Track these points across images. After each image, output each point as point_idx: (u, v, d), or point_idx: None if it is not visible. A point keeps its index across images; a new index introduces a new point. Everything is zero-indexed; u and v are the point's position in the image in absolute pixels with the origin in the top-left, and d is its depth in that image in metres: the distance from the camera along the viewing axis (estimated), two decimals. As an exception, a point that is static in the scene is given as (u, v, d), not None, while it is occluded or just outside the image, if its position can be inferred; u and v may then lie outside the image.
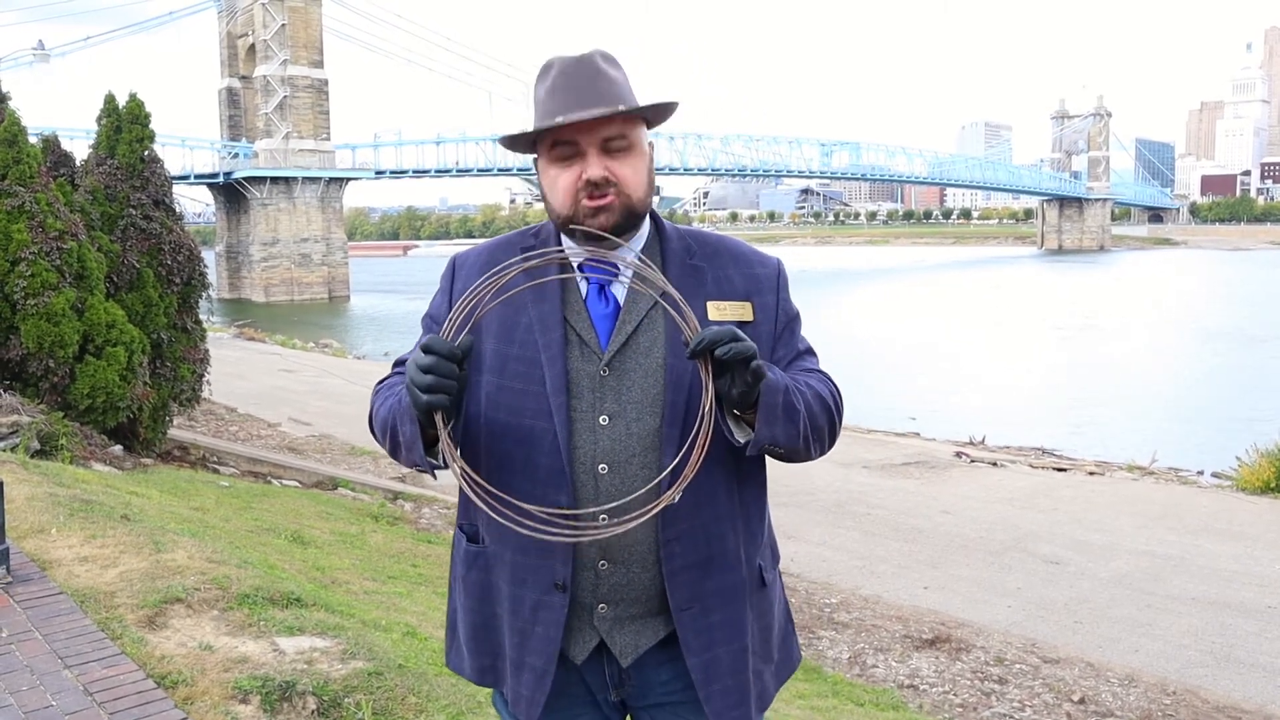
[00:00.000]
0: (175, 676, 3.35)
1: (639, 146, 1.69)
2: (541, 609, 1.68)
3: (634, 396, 1.66)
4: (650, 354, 1.67)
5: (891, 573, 8.04)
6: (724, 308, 1.71)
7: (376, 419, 1.75)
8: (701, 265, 1.75)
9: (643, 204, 1.70)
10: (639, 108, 1.65)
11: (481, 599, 1.76)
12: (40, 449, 7.33)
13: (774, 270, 1.81)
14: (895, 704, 5.46)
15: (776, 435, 1.58)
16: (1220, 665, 6.29)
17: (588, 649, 1.71)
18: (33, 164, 9.15)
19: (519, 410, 1.66)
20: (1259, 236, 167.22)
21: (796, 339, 1.81)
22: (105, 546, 4.62)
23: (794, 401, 1.59)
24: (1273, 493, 11.45)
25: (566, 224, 1.68)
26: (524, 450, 1.65)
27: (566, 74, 1.65)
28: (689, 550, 1.67)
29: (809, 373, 1.75)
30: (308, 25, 74.04)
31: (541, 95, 1.67)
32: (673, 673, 1.73)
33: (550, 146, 1.66)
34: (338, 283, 73.42)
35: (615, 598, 1.68)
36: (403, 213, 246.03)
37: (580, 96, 1.62)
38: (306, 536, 6.86)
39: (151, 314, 9.82)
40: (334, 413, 15.06)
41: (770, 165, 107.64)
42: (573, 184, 1.65)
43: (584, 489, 1.64)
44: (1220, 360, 31.42)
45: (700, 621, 1.68)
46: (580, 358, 1.67)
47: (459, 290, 1.76)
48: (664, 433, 1.64)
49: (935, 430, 17.75)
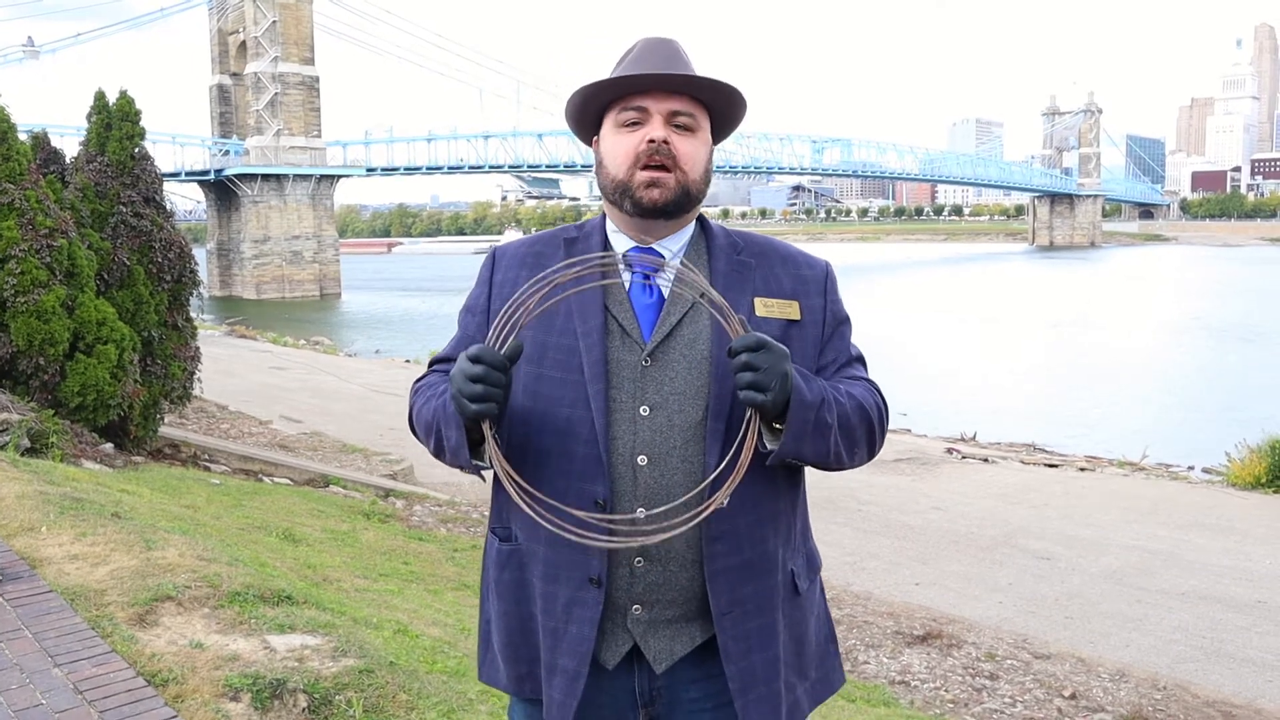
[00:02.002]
0: (166, 674, 3.34)
1: (703, 133, 1.70)
2: (575, 605, 1.63)
3: (677, 388, 1.63)
4: (695, 346, 1.64)
5: (883, 569, 8.07)
6: (771, 304, 1.70)
7: (419, 420, 1.73)
8: (749, 261, 1.74)
9: (698, 188, 1.69)
10: (714, 79, 1.66)
11: (516, 600, 1.71)
12: (30, 447, 7.30)
13: (822, 272, 1.79)
14: (887, 700, 5.47)
15: (803, 451, 1.56)
16: (1210, 660, 6.32)
17: (620, 653, 1.66)
18: (22, 161, 9.10)
19: (557, 400, 1.63)
20: (1249, 232, 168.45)
21: (845, 344, 1.78)
22: (96, 544, 4.60)
23: (825, 417, 1.56)
24: (1263, 488, 11.52)
25: (618, 192, 1.68)
26: (561, 440, 1.62)
27: (651, 45, 1.70)
28: (731, 551, 1.63)
29: (854, 381, 1.72)
30: (299, 22, 73.85)
31: (622, 67, 1.70)
32: (703, 690, 1.68)
33: (618, 112, 1.68)
34: (329, 280, 73.30)
35: (651, 598, 1.64)
36: (394, 210, 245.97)
37: (664, 66, 1.66)
38: (298, 534, 6.85)
39: (142, 311, 9.79)
40: (325, 410, 15.03)
41: (761, 162, 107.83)
42: (634, 148, 1.65)
43: (622, 480, 1.61)
44: (1211, 356, 31.57)
45: (740, 627, 1.64)
46: (621, 346, 1.64)
47: (498, 283, 1.75)
48: (709, 426, 1.61)
49: (926, 426, 17.80)
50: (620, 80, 1.66)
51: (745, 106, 1.73)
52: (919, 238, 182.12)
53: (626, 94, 1.67)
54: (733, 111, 1.73)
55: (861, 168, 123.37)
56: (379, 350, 33.14)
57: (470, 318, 1.78)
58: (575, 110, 1.74)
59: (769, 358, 1.48)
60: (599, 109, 1.72)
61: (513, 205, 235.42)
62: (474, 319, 1.77)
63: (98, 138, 10.33)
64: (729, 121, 1.75)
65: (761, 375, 1.48)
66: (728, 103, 1.71)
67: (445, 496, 9.72)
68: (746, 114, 1.76)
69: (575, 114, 1.75)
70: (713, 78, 1.66)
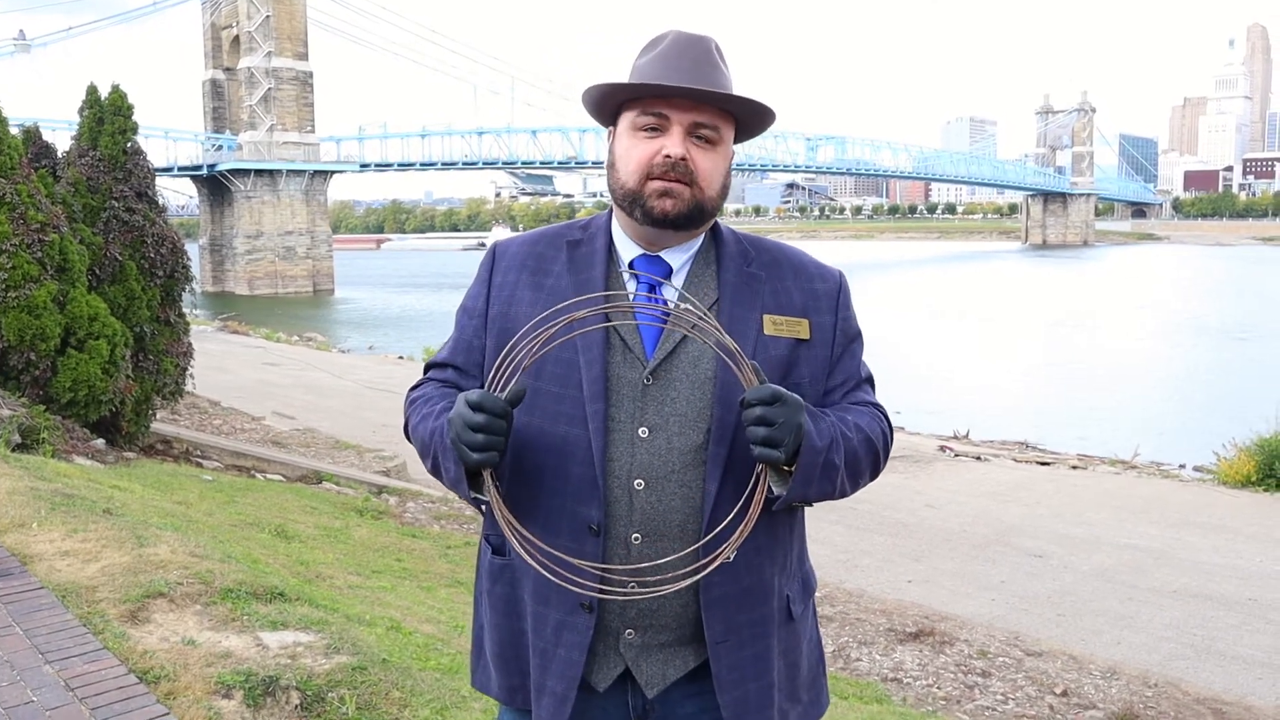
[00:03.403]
0: (158, 671, 3.33)
1: (724, 146, 1.62)
2: (565, 630, 1.59)
3: (678, 409, 1.56)
4: (699, 365, 1.58)
5: (876, 566, 8.08)
6: (780, 323, 1.63)
7: (415, 437, 1.68)
8: (759, 274, 1.66)
9: (713, 204, 1.62)
10: (745, 97, 1.58)
11: (507, 614, 1.68)
12: (21, 442, 7.28)
13: (835, 285, 1.72)
14: (879, 697, 5.48)
15: (809, 495, 1.53)
16: (1201, 657, 6.35)
17: (611, 676, 1.62)
18: (14, 155, 9.06)
19: (554, 416, 1.57)
20: (1241, 232, 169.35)
21: (856, 363, 1.73)
22: (87, 541, 4.59)
23: (834, 459, 1.53)
24: (1253, 486, 11.58)
25: (629, 200, 1.60)
26: (557, 459, 1.57)
27: (681, 46, 1.59)
28: (729, 580, 1.58)
29: (861, 407, 1.68)
30: (292, 17, 73.71)
31: (648, 59, 1.60)
32: (699, 706, 1.64)
33: (637, 114, 1.60)
34: (322, 276, 73.21)
35: (644, 624, 1.60)
36: (388, 206, 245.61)
37: (692, 72, 1.56)
38: (290, 531, 6.84)
39: (134, 307, 9.76)
40: (318, 406, 15.02)
41: (755, 159, 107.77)
42: (649, 158, 1.58)
43: (617, 504, 1.55)
44: (1202, 356, 31.72)
45: (734, 655, 1.60)
46: (622, 363, 1.58)
47: (497, 285, 1.70)
48: (710, 451, 1.55)
49: (920, 425, 17.86)
50: (641, 87, 1.58)
51: (773, 119, 1.65)
52: (913, 236, 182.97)
53: (648, 95, 1.59)
54: (758, 123, 1.66)
55: (856, 165, 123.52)
56: (372, 346, 33.13)
57: (468, 319, 1.73)
58: (592, 103, 1.67)
59: (784, 411, 1.44)
60: (616, 104, 1.65)
61: (506, 202, 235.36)
62: (471, 321, 1.72)
63: (90, 132, 10.29)
64: (752, 131, 1.68)
65: (776, 431, 1.44)
66: (754, 116, 1.63)
67: (438, 493, 9.71)
68: (771, 125, 1.67)
69: (592, 106, 1.68)
70: (745, 96, 1.58)
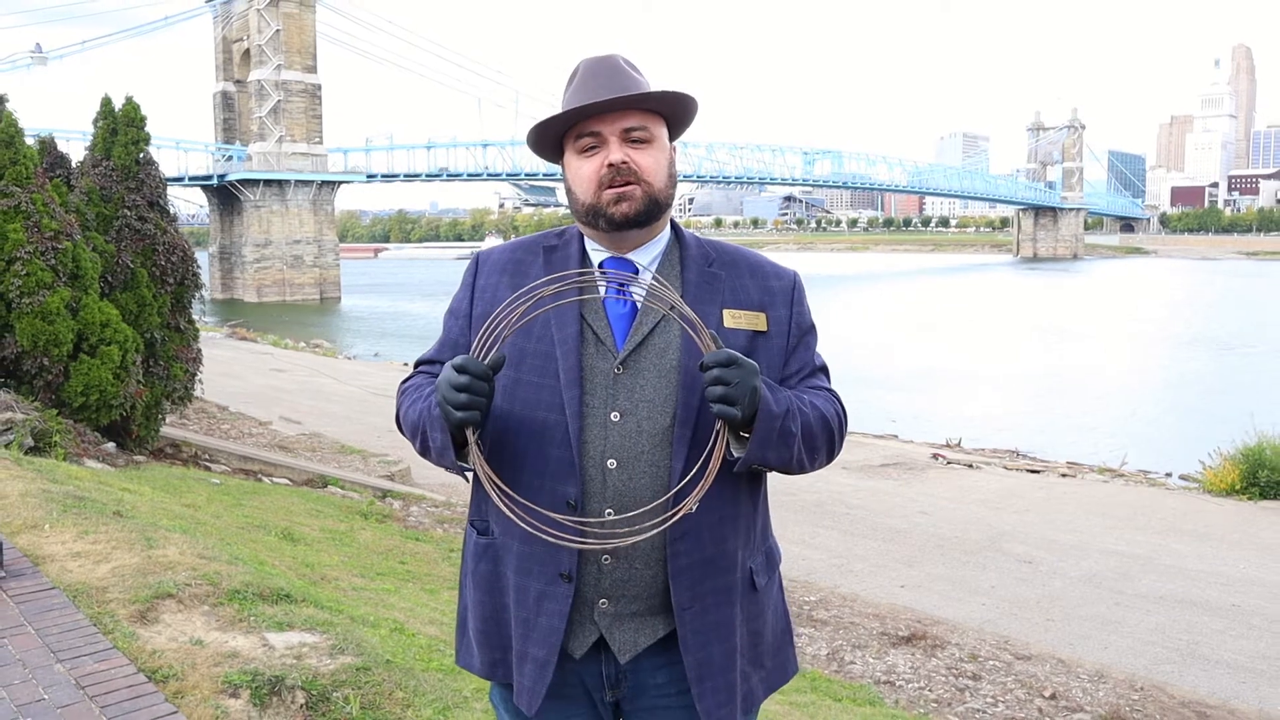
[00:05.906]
0: (166, 670, 3.35)
1: (659, 141, 1.76)
2: (546, 599, 1.71)
3: (646, 395, 1.70)
4: (665, 355, 1.72)
5: (869, 571, 8.16)
6: (739, 316, 1.77)
7: (405, 421, 1.82)
8: (719, 273, 1.80)
9: (664, 194, 1.76)
10: (656, 92, 1.73)
11: (490, 591, 1.79)
12: (34, 446, 7.37)
13: (789, 283, 1.86)
14: (872, 699, 5.54)
15: (768, 458, 1.65)
16: (1186, 661, 6.42)
17: (587, 644, 1.74)
18: (29, 165, 9.20)
19: (534, 404, 1.71)
20: (1226, 246, 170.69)
21: (810, 354, 1.85)
22: (98, 542, 4.62)
23: (790, 426, 1.65)
24: (1237, 495, 11.64)
25: (590, 214, 1.74)
26: (536, 442, 1.70)
27: (592, 69, 1.75)
28: (693, 549, 1.70)
29: (817, 391, 1.80)
30: (301, 31, 74.00)
31: (570, 92, 1.76)
32: (669, 676, 1.76)
33: (575, 139, 1.75)
34: (329, 284, 73.32)
35: (617, 593, 1.72)
36: (394, 216, 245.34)
37: (608, 86, 1.71)
38: (296, 533, 6.89)
39: (145, 313, 9.89)
40: (324, 412, 15.12)
41: (754, 173, 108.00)
42: (595, 172, 1.72)
43: (592, 482, 1.68)
44: (1189, 366, 31.70)
45: (699, 620, 1.72)
46: (595, 354, 1.72)
47: (480, 288, 1.84)
48: (675, 432, 1.68)
49: (913, 432, 17.95)
50: (569, 114, 1.73)
51: (695, 103, 1.78)
52: (907, 248, 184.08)
53: (579, 121, 1.74)
54: (684, 110, 1.79)
55: (852, 179, 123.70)
56: (378, 353, 33.23)
57: (453, 320, 1.86)
58: (534, 143, 1.82)
59: (739, 373, 1.56)
60: (557, 137, 1.79)
61: (510, 212, 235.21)
62: (457, 322, 1.85)
63: (103, 142, 10.45)
64: (683, 119, 1.81)
65: (732, 390, 1.55)
66: (676, 105, 1.77)
67: (441, 498, 9.80)
68: (699, 109, 1.80)
69: (536, 146, 1.83)
70: (654, 90, 1.73)
